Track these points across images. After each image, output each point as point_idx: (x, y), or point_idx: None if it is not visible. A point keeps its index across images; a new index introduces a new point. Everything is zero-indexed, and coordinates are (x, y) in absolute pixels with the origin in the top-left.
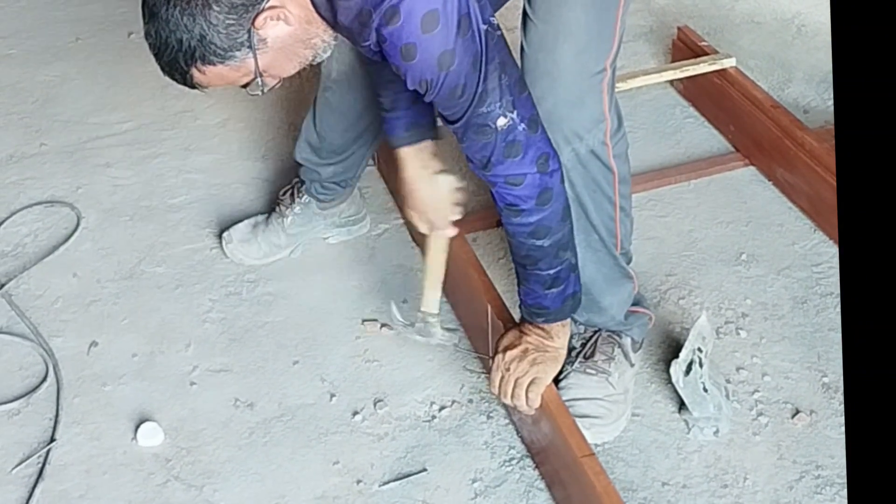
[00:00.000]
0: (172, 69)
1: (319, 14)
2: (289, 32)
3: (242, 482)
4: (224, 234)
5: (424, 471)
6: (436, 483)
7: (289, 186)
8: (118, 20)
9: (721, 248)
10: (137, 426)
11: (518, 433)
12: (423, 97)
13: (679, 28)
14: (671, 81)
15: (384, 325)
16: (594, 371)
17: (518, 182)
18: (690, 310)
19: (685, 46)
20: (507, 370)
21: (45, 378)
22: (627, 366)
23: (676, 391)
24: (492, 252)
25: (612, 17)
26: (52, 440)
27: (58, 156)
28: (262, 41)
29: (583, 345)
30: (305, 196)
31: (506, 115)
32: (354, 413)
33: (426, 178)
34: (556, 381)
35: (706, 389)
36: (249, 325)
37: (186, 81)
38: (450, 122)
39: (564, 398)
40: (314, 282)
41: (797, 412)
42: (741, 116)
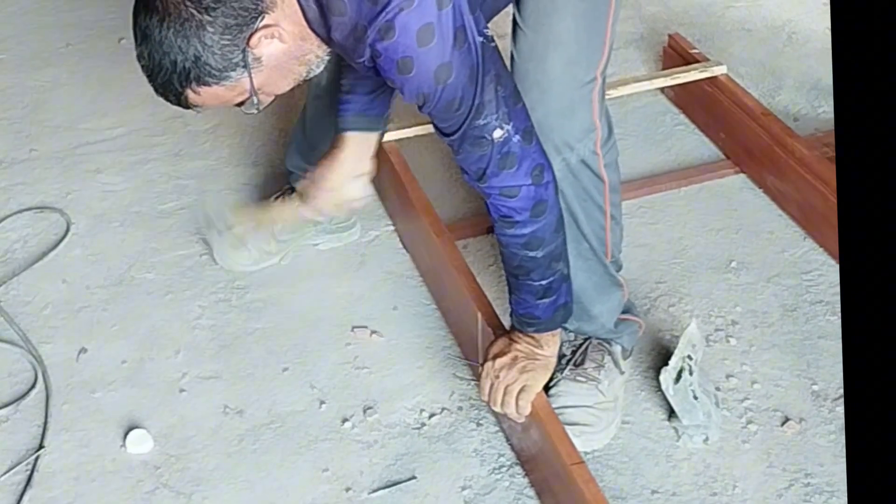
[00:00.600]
0: (167, 91)
1: (313, 30)
2: (283, 50)
3: (231, 489)
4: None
5: (414, 478)
6: (425, 491)
7: (279, 193)
8: (109, 26)
9: (711, 256)
10: (126, 433)
11: (508, 441)
12: (421, 110)
13: (670, 35)
14: (662, 89)
15: (374, 333)
16: (584, 379)
17: (513, 194)
18: (680, 317)
19: (676, 54)
20: (497, 378)
21: (34, 385)
22: (617, 373)
23: (666, 399)
24: (482, 259)
25: (602, 27)
26: (41, 447)
27: (48, 161)
28: (257, 60)
29: (573, 352)
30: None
31: (502, 127)
32: (344, 420)
33: (348, 173)
34: (546, 389)
35: (696, 397)
36: (239, 332)
37: (181, 102)
38: (446, 135)
39: (554, 406)
40: (304, 288)
41: (787, 420)
42: (732, 124)
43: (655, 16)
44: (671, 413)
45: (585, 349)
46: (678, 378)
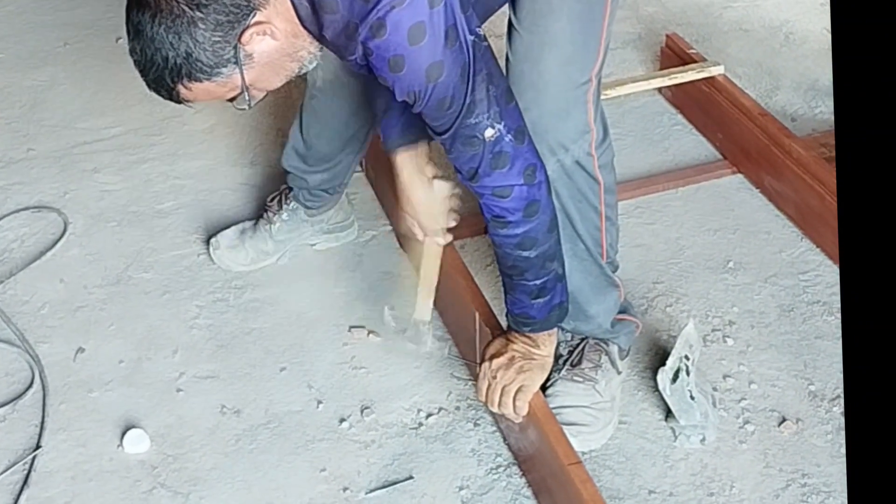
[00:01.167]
0: (158, 86)
1: (305, 27)
2: (275, 47)
3: (229, 489)
4: (212, 240)
5: (411, 478)
6: (422, 491)
7: (276, 193)
8: (106, 25)
9: (708, 256)
10: (124, 433)
11: (505, 441)
12: (412, 108)
13: (667, 35)
14: (659, 89)
15: (371, 332)
16: (581, 379)
17: (505, 194)
18: (677, 317)
19: (673, 54)
20: (494, 378)
21: (31, 384)
22: (614, 373)
23: (663, 399)
24: (479, 259)
25: (598, 29)
26: (38, 447)
27: (45, 161)
28: (249, 56)
29: (570, 352)
30: (293, 203)
31: (493, 127)
32: (341, 420)
33: (422, 184)
34: (544, 389)
35: (693, 397)
36: (236, 332)
37: (172, 97)
38: (438, 134)
39: (551, 406)
40: (301, 288)
41: (783, 420)
42: (729, 124)
43: (653, 16)
44: (668, 413)
45: (582, 349)
46: (675, 378)
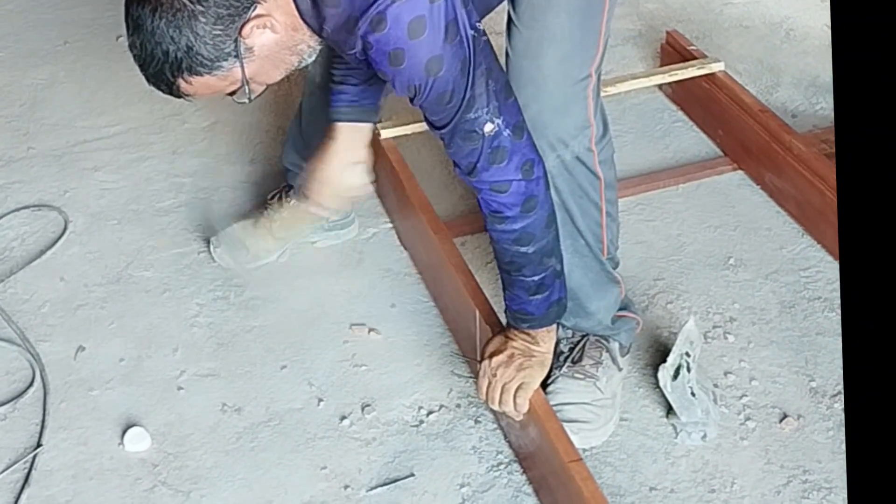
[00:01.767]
0: (158, 80)
1: (305, 21)
2: (275, 40)
3: (230, 487)
4: (212, 239)
5: (412, 476)
6: (423, 488)
7: (277, 190)
8: (106, 23)
9: (709, 253)
10: (124, 431)
11: (506, 438)
12: (412, 103)
13: (668, 32)
14: (660, 86)
15: (372, 330)
16: (582, 376)
17: (503, 189)
18: (678, 314)
19: (674, 51)
20: (495, 376)
21: (32, 383)
22: (615, 370)
23: (664, 396)
24: (480, 256)
25: (597, 24)
26: (39, 445)
27: (45, 159)
28: (249, 50)
29: (570, 349)
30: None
31: (492, 121)
32: (342, 418)
33: (344, 161)
34: (544, 386)
35: (694, 394)
36: (237, 330)
37: (173, 92)
38: (437, 128)
39: (552, 403)
40: (302, 286)
41: (785, 417)
42: (729, 121)
43: (653, 13)
44: (669, 410)
45: (583, 346)
46: (676, 375)
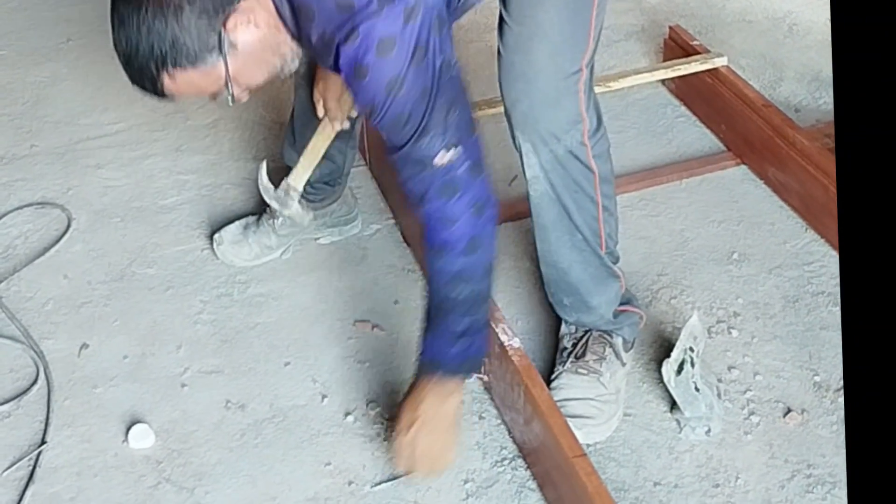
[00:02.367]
0: (142, 76)
1: (285, 24)
2: (259, 37)
3: (234, 484)
4: (215, 236)
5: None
6: (427, 484)
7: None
8: (108, 21)
9: (712, 248)
10: (128, 428)
11: (510, 433)
12: (370, 121)
13: (670, 27)
14: (663, 81)
15: (376, 326)
16: (585, 371)
17: (450, 224)
18: (682, 309)
19: (677, 45)
20: (413, 451)
21: (36, 380)
22: (619, 365)
23: (668, 391)
24: None
25: (587, 18)
26: (43, 442)
27: (48, 157)
28: (233, 45)
29: (574, 345)
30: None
31: (448, 151)
32: (346, 414)
33: (339, 83)
34: (548, 382)
35: (698, 389)
36: (241, 327)
37: (157, 90)
38: (391, 152)
39: (556, 398)
40: (305, 283)
41: (789, 411)
42: (733, 115)
43: (656, 8)
44: (673, 405)
45: (587, 341)
46: (680, 370)
